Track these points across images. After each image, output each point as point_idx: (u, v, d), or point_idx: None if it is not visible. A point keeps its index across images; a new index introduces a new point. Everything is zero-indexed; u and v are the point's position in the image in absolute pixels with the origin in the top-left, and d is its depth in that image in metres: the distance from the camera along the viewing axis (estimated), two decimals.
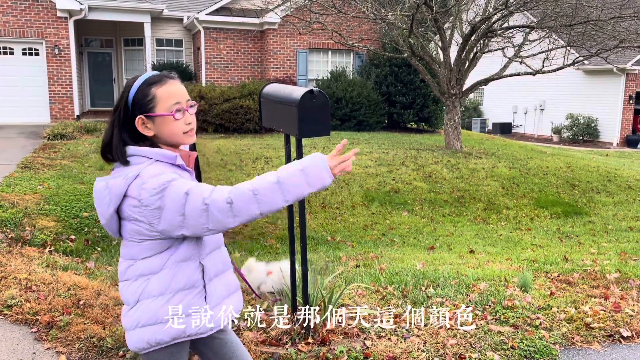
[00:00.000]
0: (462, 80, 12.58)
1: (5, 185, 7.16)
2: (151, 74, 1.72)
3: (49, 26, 14.59)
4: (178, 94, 1.72)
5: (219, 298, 1.78)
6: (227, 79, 16.90)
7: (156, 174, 1.63)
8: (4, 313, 3.50)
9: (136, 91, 1.68)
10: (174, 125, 1.70)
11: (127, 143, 1.70)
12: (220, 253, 1.85)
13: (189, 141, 1.76)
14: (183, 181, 1.64)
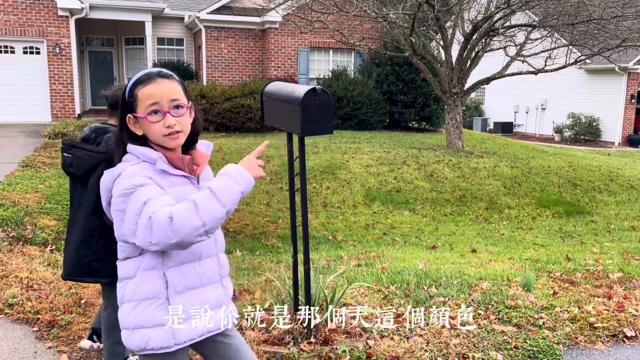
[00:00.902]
0: (463, 79, 12.55)
1: (6, 183, 7.15)
2: (142, 73, 1.69)
3: (50, 25, 14.58)
4: (158, 94, 1.64)
5: (189, 313, 1.69)
6: (228, 78, 16.88)
7: (130, 175, 1.61)
8: (5, 312, 3.49)
9: (127, 90, 1.68)
10: (151, 128, 1.64)
11: (125, 141, 1.70)
12: (198, 266, 1.73)
13: (171, 144, 1.67)
14: (149, 189, 1.58)
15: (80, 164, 2.56)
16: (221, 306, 1.78)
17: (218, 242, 1.83)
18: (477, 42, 12.21)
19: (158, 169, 1.65)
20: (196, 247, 1.71)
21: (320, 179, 9.69)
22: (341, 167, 10.31)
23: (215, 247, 1.81)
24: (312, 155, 10.96)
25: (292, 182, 3.25)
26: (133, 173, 1.62)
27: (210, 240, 1.77)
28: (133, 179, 1.60)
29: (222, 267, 1.83)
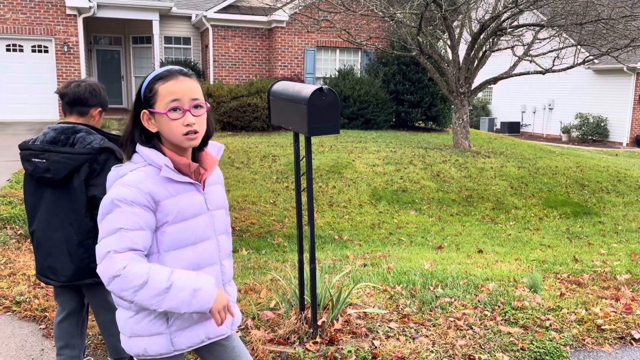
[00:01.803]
0: (470, 79, 12.51)
1: (14, 181, 7.19)
2: (163, 69, 1.66)
3: (59, 24, 14.65)
4: (180, 91, 1.61)
5: (186, 322, 1.69)
6: (235, 77, 16.91)
7: (127, 184, 1.59)
8: (13, 309, 3.51)
9: (145, 85, 1.65)
10: (170, 125, 1.61)
11: (136, 139, 1.67)
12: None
13: (189, 144, 1.64)
14: (130, 216, 1.55)
15: (59, 168, 2.41)
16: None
17: (222, 250, 1.80)
18: (485, 42, 12.16)
19: (162, 176, 1.63)
20: (194, 258, 1.69)
21: (326, 178, 9.69)
22: (347, 166, 10.30)
23: (219, 255, 1.79)
24: (318, 155, 10.95)
25: (298, 181, 3.25)
26: (132, 183, 1.59)
27: (212, 248, 1.75)
28: (126, 192, 1.57)
29: (225, 274, 1.81)
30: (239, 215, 7.81)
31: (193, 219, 1.69)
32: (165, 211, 1.63)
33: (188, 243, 1.69)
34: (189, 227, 1.68)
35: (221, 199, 1.84)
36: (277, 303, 3.61)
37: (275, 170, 9.92)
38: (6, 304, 3.59)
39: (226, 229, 1.86)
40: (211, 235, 1.76)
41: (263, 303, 3.69)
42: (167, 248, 1.65)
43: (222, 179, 1.91)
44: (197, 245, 1.71)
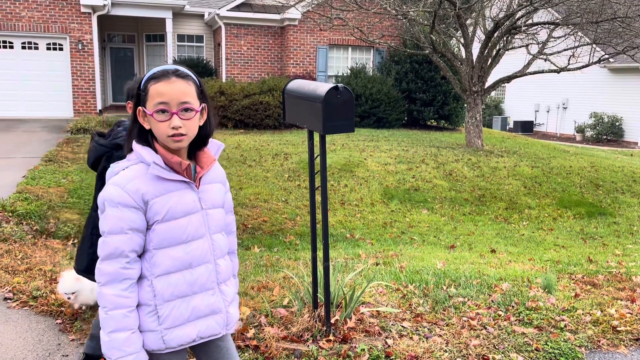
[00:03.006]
0: (484, 78, 12.43)
1: (30, 178, 7.28)
2: (159, 68, 1.66)
3: (73, 21, 14.79)
4: (168, 94, 1.61)
5: (177, 320, 1.70)
6: (247, 75, 16.95)
7: (118, 183, 1.62)
8: (30, 304, 3.56)
9: (142, 83, 1.66)
10: (157, 126, 1.62)
11: (133, 135, 1.69)
12: (189, 274, 1.71)
13: (173, 146, 1.64)
14: (116, 220, 1.61)
15: (88, 156, 2.63)
16: (216, 313, 1.77)
17: (217, 249, 1.78)
18: (499, 40, 12.07)
19: (152, 174, 1.65)
20: (186, 256, 1.69)
21: (338, 177, 9.69)
22: (359, 165, 10.29)
23: (213, 254, 1.77)
24: (330, 153, 10.95)
25: (312, 180, 3.25)
26: (120, 182, 1.62)
27: (205, 247, 1.74)
28: (113, 193, 1.61)
29: (219, 273, 1.79)
30: (251, 212, 7.83)
31: (184, 218, 1.69)
32: (154, 210, 1.64)
33: (179, 241, 1.68)
34: (180, 225, 1.68)
35: (219, 198, 1.81)
36: (290, 301, 3.62)
37: (287, 168, 9.94)
38: (23, 298, 3.63)
39: (224, 228, 1.85)
40: (204, 234, 1.74)
41: (276, 300, 3.70)
42: (157, 246, 1.66)
43: (224, 177, 1.88)
44: (189, 243, 1.70)
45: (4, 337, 3.16)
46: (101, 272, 1.62)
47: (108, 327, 1.62)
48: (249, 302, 3.64)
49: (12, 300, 3.63)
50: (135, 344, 1.64)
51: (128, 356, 1.63)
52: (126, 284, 1.63)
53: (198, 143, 1.75)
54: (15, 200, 6.08)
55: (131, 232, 1.62)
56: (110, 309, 1.62)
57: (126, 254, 1.62)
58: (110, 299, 1.61)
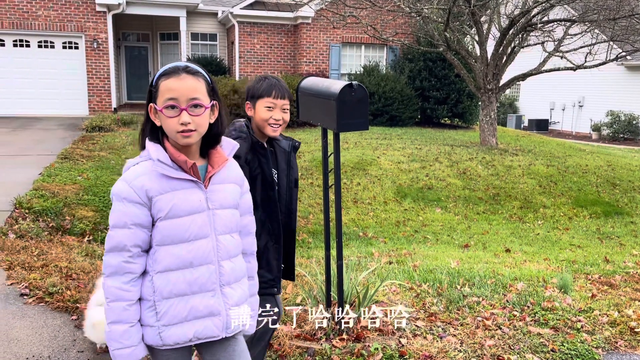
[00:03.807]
0: (499, 75, 12.31)
1: (46, 175, 7.36)
2: (171, 65, 1.67)
3: (89, 20, 14.92)
4: (178, 90, 1.62)
5: (175, 318, 1.69)
6: (260, 73, 16.95)
7: (126, 179, 1.66)
8: (46, 300, 3.59)
9: (154, 80, 1.68)
10: (167, 122, 1.63)
11: (146, 132, 1.71)
12: (189, 273, 1.69)
13: (182, 142, 1.65)
14: (121, 214, 1.64)
15: None
16: (214, 315, 1.74)
17: (221, 250, 1.75)
18: (514, 38, 11.95)
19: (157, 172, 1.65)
20: (187, 255, 1.68)
21: (351, 175, 9.66)
22: (372, 163, 10.26)
23: (216, 255, 1.74)
24: (343, 151, 10.93)
25: (326, 178, 3.23)
26: (128, 178, 1.65)
27: (208, 247, 1.71)
28: (121, 188, 1.65)
29: (223, 275, 1.75)
30: None
31: (188, 216, 1.68)
32: (157, 206, 1.65)
33: (182, 240, 1.68)
34: (183, 224, 1.67)
35: (230, 199, 1.78)
36: (303, 299, 3.62)
37: (300, 166, 9.93)
38: (39, 294, 3.67)
39: (235, 229, 1.81)
40: (209, 234, 1.72)
41: (289, 299, 3.70)
42: (159, 242, 1.67)
43: (240, 178, 1.85)
44: (192, 242, 1.69)
45: (21, 333, 3.20)
46: (105, 263, 1.67)
47: (109, 318, 1.67)
48: None
49: (28, 296, 3.67)
50: (133, 338, 1.66)
51: (125, 349, 1.66)
52: (128, 277, 1.66)
53: (210, 141, 1.75)
54: (31, 197, 6.16)
55: (134, 227, 1.64)
56: (111, 301, 1.65)
57: (128, 248, 1.64)
58: (112, 290, 1.65)
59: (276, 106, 2.30)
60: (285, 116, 2.34)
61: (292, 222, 2.46)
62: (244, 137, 2.25)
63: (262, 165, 2.26)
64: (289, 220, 2.43)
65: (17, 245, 4.66)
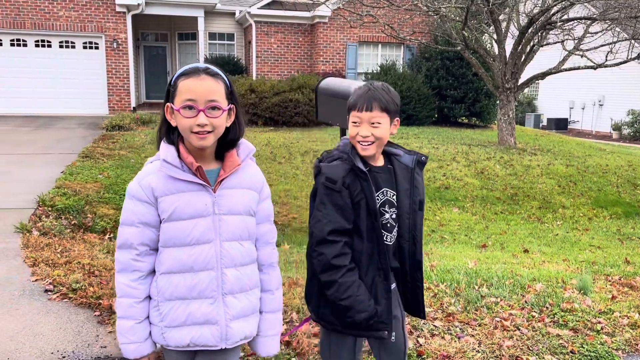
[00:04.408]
0: (517, 74, 12.20)
1: (68, 173, 7.49)
2: (190, 66, 1.66)
3: (108, 21, 15.13)
4: (197, 90, 1.59)
5: (175, 321, 1.69)
6: (277, 73, 17.04)
7: (139, 177, 1.69)
8: (70, 296, 3.67)
9: (173, 80, 1.67)
10: (183, 122, 1.61)
11: (162, 132, 1.71)
12: (190, 278, 1.67)
13: (197, 143, 1.62)
14: (130, 211, 1.67)
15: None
16: (211, 324, 1.70)
17: (224, 257, 1.70)
18: (533, 36, 11.83)
19: (174, 176, 1.65)
20: (188, 259, 1.66)
21: None
22: None
23: (219, 262, 1.69)
24: None
25: None
26: (139, 177, 1.68)
27: (209, 254, 1.68)
28: (132, 186, 1.68)
29: (225, 283, 1.70)
30: (281, 209, 7.89)
31: (190, 220, 1.65)
32: (161, 207, 1.65)
33: (183, 243, 1.66)
34: (184, 227, 1.65)
35: (240, 205, 1.72)
36: None
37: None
38: (63, 290, 3.75)
39: (245, 236, 1.75)
40: (212, 239, 1.68)
41: None
42: (163, 244, 1.68)
43: (257, 184, 1.80)
44: (194, 247, 1.66)
45: (45, 328, 3.28)
46: (116, 259, 1.71)
47: (118, 313, 1.71)
48: None
49: (52, 292, 3.75)
50: (139, 334, 1.69)
51: (130, 344, 1.69)
52: (135, 275, 1.68)
53: (225, 145, 1.72)
54: (54, 195, 6.28)
55: (142, 225, 1.65)
56: (120, 296, 1.69)
57: (135, 246, 1.66)
58: (121, 287, 1.69)
59: (362, 120, 1.96)
60: (377, 131, 1.95)
61: (417, 250, 2.09)
62: (344, 159, 1.97)
63: (364, 191, 1.95)
64: (413, 249, 2.07)
65: (40, 243, 4.76)
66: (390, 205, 2.04)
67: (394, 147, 2.13)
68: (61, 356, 2.97)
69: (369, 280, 1.98)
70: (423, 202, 2.09)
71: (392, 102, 1.98)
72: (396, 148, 2.13)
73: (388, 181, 2.04)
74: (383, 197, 2.02)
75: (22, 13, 14.63)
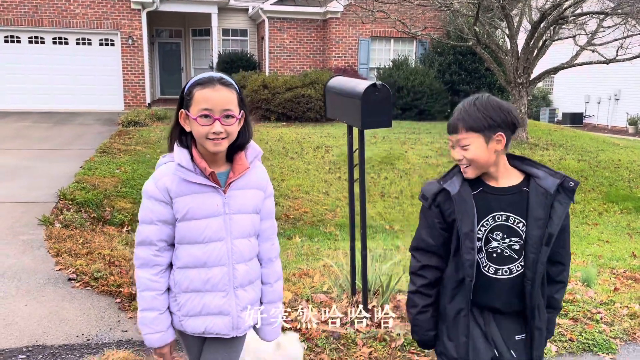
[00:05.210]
0: (529, 69, 12.20)
1: (86, 168, 7.73)
2: (205, 75, 1.76)
3: (124, 18, 15.38)
4: (213, 100, 1.70)
5: (191, 311, 1.83)
6: (290, 68, 17.18)
7: (154, 177, 1.80)
8: (92, 284, 3.87)
9: (187, 88, 1.78)
10: (199, 129, 1.71)
11: (174, 136, 1.80)
12: (204, 273, 1.81)
13: (212, 148, 1.73)
14: (148, 209, 1.78)
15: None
16: (224, 315, 1.84)
17: (236, 254, 1.83)
18: (545, 31, 11.81)
19: (188, 179, 1.76)
20: (202, 256, 1.79)
21: (378, 169, 9.79)
22: (400, 157, 10.35)
23: (230, 258, 1.82)
24: (371, 146, 11.05)
25: (351, 172, 3.40)
26: (156, 177, 1.79)
27: (221, 251, 1.80)
28: (149, 185, 1.80)
29: (236, 277, 1.84)
30: (293, 204, 8.05)
31: (204, 220, 1.77)
32: (176, 207, 1.77)
33: (197, 241, 1.79)
34: (198, 226, 1.77)
35: (249, 204, 1.85)
36: (329, 287, 3.80)
37: (328, 160, 10.11)
38: (85, 279, 3.96)
39: (253, 233, 1.88)
40: (224, 237, 1.80)
41: (316, 287, 3.89)
42: (178, 241, 1.82)
43: (263, 183, 1.91)
44: (207, 244, 1.79)
45: (70, 314, 3.48)
46: (136, 256, 1.83)
47: (140, 306, 1.83)
48: (290, 287, 3.85)
49: (75, 281, 3.96)
50: (163, 324, 1.83)
51: (155, 333, 1.83)
52: (156, 269, 1.81)
53: (234, 149, 1.83)
54: (74, 189, 6.51)
55: (160, 223, 1.79)
56: (142, 290, 1.82)
57: (155, 242, 1.79)
58: (142, 281, 1.82)
59: (453, 143, 1.81)
60: (468, 153, 1.75)
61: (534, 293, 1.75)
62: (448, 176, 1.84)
63: (456, 212, 1.76)
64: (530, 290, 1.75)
65: (63, 234, 4.98)
66: (507, 233, 1.75)
67: (536, 167, 1.82)
68: (86, 339, 3.17)
69: (453, 310, 1.81)
70: (553, 236, 1.72)
71: (483, 118, 1.74)
72: (538, 168, 1.81)
73: (513, 205, 1.75)
74: (493, 222, 1.75)
75: (40, 11, 14.94)
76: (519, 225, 1.74)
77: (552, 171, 1.78)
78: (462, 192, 1.76)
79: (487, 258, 1.76)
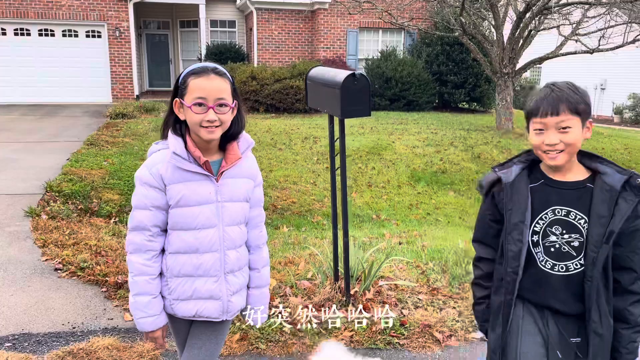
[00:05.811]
0: (515, 59, 12.31)
1: (74, 160, 7.73)
2: (199, 65, 1.80)
3: (110, 9, 15.27)
4: (207, 89, 1.75)
5: (182, 295, 1.88)
6: (278, 60, 17.17)
7: (148, 165, 1.84)
8: (78, 274, 3.92)
9: (182, 77, 1.83)
10: (193, 117, 1.76)
11: (169, 124, 1.87)
12: (195, 258, 1.86)
13: (206, 136, 1.78)
14: (143, 195, 1.82)
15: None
16: (215, 299, 1.90)
17: (227, 240, 1.89)
18: (530, 21, 11.91)
19: (182, 166, 1.80)
20: (194, 242, 1.84)
21: (366, 160, 9.86)
22: (387, 147, 10.43)
23: (222, 245, 1.88)
24: (359, 136, 11.12)
25: (332, 160, 3.47)
26: (149, 164, 1.83)
27: (213, 238, 1.86)
28: (142, 172, 1.83)
29: (227, 263, 1.90)
30: (281, 194, 8.11)
31: (197, 207, 1.83)
32: (169, 194, 1.82)
33: (190, 227, 1.84)
34: (191, 213, 1.82)
35: (240, 193, 1.90)
36: (313, 274, 3.88)
37: (316, 151, 10.17)
38: (72, 269, 4.00)
39: (243, 221, 1.94)
40: (216, 224, 1.86)
41: (301, 274, 3.96)
42: (171, 227, 1.87)
43: (253, 172, 1.97)
44: (199, 231, 1.84)
45: (56, 303, 3.53)
46: (129, 241, 1.86)
47: (133, 290, 1.87)
48: (275, 274, 3.92)
49: (62, 271, 4.00)
50: (155, 307, 1.88)
51: (148, 317, 1.88)
52: (149, 254, 1.86)
53: (227, 138, 1.88)
54: (61, 181, 6.52)
55: (154, 209, 1.84)
56: (136, 275, 1.86)
57: (148, 228, 1.84)
58: (136, 266, 1.86)
59: (548, 126, 1.68)
60: (567, 137, 1.66)
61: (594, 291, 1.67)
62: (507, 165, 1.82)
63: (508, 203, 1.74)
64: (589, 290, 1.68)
65: (49, 226, 5.01)
66: (566, 228, 1.70)
67: (604, 164, 1.74)
68: (71, 327, 3.22)
69: (496, 302, 1.80)
70: (614, 233, 1.64)
71: (582, 100, 1.69)
72: (607, 165, 1.73)
73: (575, 200, 1.70)
74: (552, 216, 1.71)
75: (25, 2, 14.79)
76: (580, 222, 1.68)
77: (620, 168, 1.71)
78: (517, 182, 1.74)
79: (545, 252, 1.71)
